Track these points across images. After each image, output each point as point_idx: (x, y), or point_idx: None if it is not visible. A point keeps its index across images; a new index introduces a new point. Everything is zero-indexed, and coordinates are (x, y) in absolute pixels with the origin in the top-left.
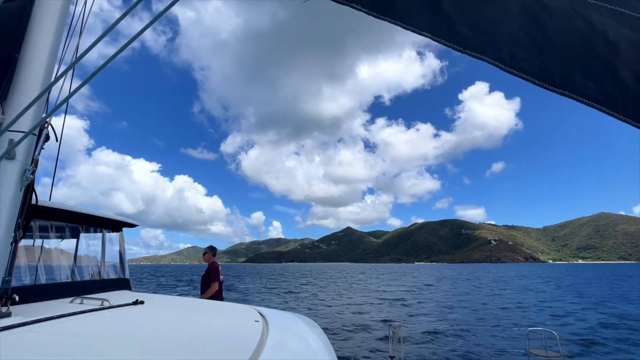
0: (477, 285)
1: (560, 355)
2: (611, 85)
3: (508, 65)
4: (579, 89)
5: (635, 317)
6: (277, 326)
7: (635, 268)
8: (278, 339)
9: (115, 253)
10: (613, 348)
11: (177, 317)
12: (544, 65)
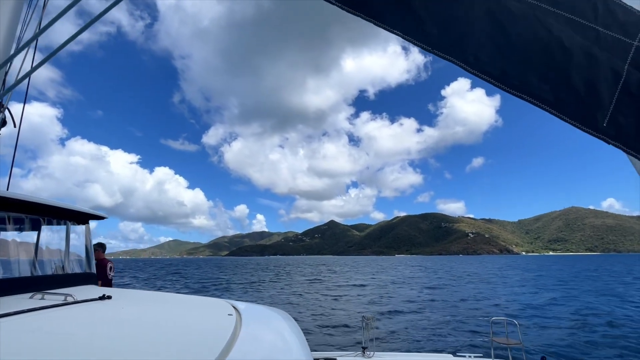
0: (450, 276)
1: (519, 343)
2: (563, 90)
3: (472, 67)
4: (535, 92)
5: (592, 307)
6: (251, 320)
7: (599, 259)
8: (251, 333)
9: (81, 246)
10: (568, 333)
11: (147, 312)
12: (505, 68)
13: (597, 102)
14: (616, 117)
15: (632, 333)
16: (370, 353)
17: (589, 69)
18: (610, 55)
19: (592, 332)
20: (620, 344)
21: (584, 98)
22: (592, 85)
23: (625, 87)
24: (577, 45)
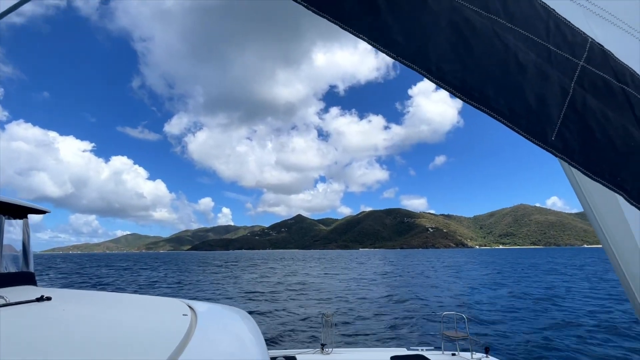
0: (408, 270)
1: (467, 335)
2: (517, 104)
3: (435, 76)
4: (492, 105)
5: (534, 296)
6: (206, 320)
7: (542, 252)
8: (206, 334)
9: (18, 243)
10: (510, 325)
11: (91, 314)
12: (466, 80)
13: (547, 117)
14: (563, 132)
15: (562, 314)
16: (329, 350)
17: (540, 85)
18: (559, 73)
19: (533, 319)
20: (556, 329)
21: (535, 112)
22: (542, 101)
23: (571, 103)
24: (530, 61)
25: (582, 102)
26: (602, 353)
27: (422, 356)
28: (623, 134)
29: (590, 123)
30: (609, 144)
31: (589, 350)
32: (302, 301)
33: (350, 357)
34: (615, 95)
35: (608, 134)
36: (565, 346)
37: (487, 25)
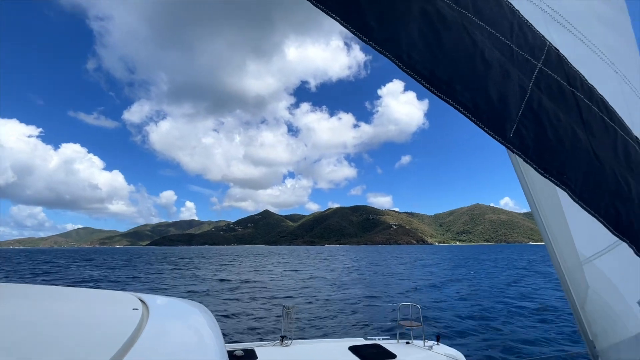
0: (370, 265)
1: (420, 324)
2: (481, 99)
3: (405, 64)
4: (458, 98)
5: (485, 289)
6: (159, 313)
7: (494, 249)
8: (158, 328)
9: None
10: (460, 312)
11: (34, 309)
12: (435, 71)
13: (507, 114)
14: (520, 130)
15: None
16: (288, 342)
17: (502, 82)
18: (519, 73)
19: (483, 310)
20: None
21: (497, 109)
22: (504, 98)
23: (529, 103)
24: (495, 59)
25: (538, 102)
26: (541, 336)
27: (379, 345)
28: (571, 135)
29: (544, 123)
30: (559, 144)
31: (531, 333)
32: (263, 296)
33: (309, 348)
34: (566, 98)
35: (559, 134)
36: (510, 331)
37: (457, 18)
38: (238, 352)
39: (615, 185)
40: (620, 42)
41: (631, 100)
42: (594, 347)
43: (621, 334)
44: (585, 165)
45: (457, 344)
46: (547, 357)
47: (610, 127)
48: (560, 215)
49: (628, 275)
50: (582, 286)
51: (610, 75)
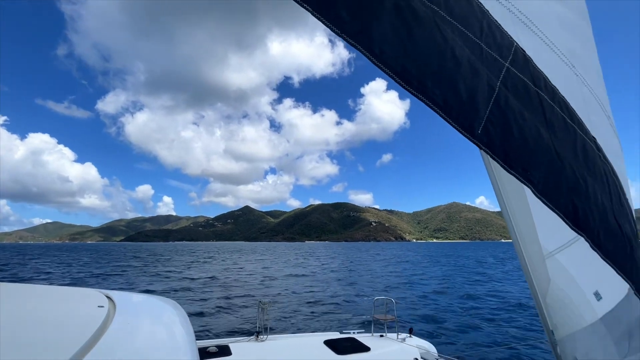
0: (347, 261)
1: (394, 318)
2: (451, 96)
3: (377, 58)
4: (429, 94)
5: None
6: (127, 310)
7: (469, 246)
8: (124, 326)
9: None
10: (432, 307)
11: None
12: (406, 66)
13: (476, 111)
14: (488, 127)
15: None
16: (263, 337)
17: (472, 80)
18: (488, 72)
19: (452, 304)
20: (472, 314)
21: (466, 106)
22: (473, 96)
23: (496, 101)
24: (465, 56)
25: (505, 100)
26: (507, 327)
27: (353, 338)
28: (535, 134)
29: (510, 121)
30: (523, 141)
31: (498, 325)
32: (238, 293)
33: (285, 343)
34: (531, 98)
35: (524, 133)
36: (480, 324)
37: (429, 15)
38: (212, 348)
39: (574, 183)
40: (581, 46)
41: (589, 102)
42: (553, 337)
43: (578, 324)
44: (547, 162)
45: (429, 336)
46: (511, 346)
47: (571, 127)
48: (527, 212)
49: (586, 268)
50: (544, 279)
51: (571, 77)
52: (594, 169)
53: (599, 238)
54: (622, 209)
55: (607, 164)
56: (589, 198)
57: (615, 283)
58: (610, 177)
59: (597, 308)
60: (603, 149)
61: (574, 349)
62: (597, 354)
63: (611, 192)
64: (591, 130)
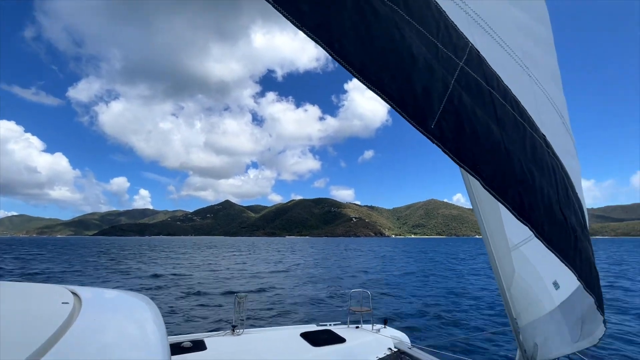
0: (324, 256)
1: (369, 310)
2: (407, 92)
3: (337, 54)
4: (386, 90)
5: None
6: (94, 307)
7: (445, 241)
8: (89, 323)
9: None
10: (407, 301)
11: None
12: (365, 62)
13: (430, 107)
14: (441, 122)
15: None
16: (239, 331)
17: (427, 78)
18: (443, 70)
19: (426, 296)
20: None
21: (421, 102)
22: (427, 93)
23: (450, 98)
24: (421, 54)
25: (459, 98)
26: (476, 317)
27: (329, 330)
28: (486, 130)
29: (462, 117)
30: (474, 137)
31: (468, 315)
32: (214, 287)
33: (261, 336)
34: (483, 96)
35: (475, 128)
36: (451, 315)
37: (388, 13)
38: (186, 343)
39: (521, 176)
40: (537, 48)
41: (541, 102)
42: (516, 324)
43: (539, 312)
44: (496, 157)
45: (403, 327)
46: (478, 334)
47: (521, 124)
48: (495, 208)
49: (546, 259)
50: (509, 271)
51: (523, 78)
52: (541, 164)
53: (543, 228)
54: (569, 201)
55: (555, 160)
56: (535, 191)
57: (571, 273)
58: (559, 172)
59: (555, 297)
60: (553, 146)
61: (534, 335)
62: (554, 339)
63: (558, 186)
64: (541, 128)
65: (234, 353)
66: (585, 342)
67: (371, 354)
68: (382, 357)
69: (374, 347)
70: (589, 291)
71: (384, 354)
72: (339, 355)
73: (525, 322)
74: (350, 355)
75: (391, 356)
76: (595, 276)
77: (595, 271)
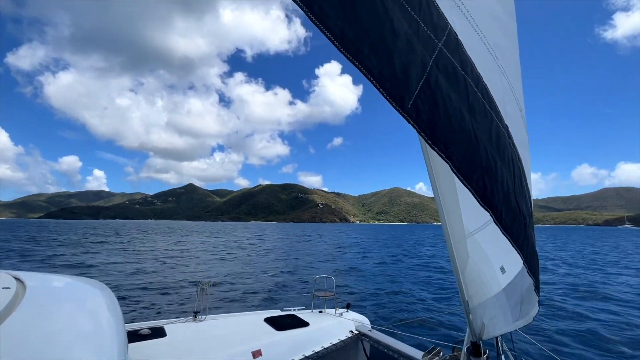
0: (288, 242)
1: (333, 294)
2: (386, 67)
3: (316, 17)
4: (365, 62)
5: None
6: (40, 293)
7: (406, 228)
8: (35, 308)
9: None
10: (368, 286)
11: None
12: (345, 30)
13: (407, 86)
14: (417, 103)
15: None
16: (202, 317)
17: (407, 55)
18: (423, 49)
19: (387, 281)
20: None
21: (399, 79)
22: (406, 70)
23: (427, 79)
24: (403, 30)
25: (436, 80)
26: (432, 299)
27: (294, 315)
28: (459, 115)
29: (438, 100)
30: (448, 121)
31: (425, 298)
32: (173, 274)
33: (224, 322)
34: (458, 81)
35: (448, 112)
36: (410, 298)
37: None
38: (144, 330)
39: (486, 163)
40: (505, 41)
41: (507, 93)
42: (468, 305)
43: (487, 294)
44: (466, 142)
45: (365, 311)
46: (433, 314)
47: (489, 113)
48: (454, 197)
49: (496, 246)
50: (464, 256)
51: (494, 67)
52: (503, 153)
53: (502, 214)
54: (522, 191)
55: (515, 151)
56: (497, 179)
57: (516, 258)
58: (516, 163)
59: (502, 280)
60: (513, 137)
61: (482, 315)
62: (499, 318)
63: (515, 176)
64: (505, 118)
65: (195, 339)
66: (522, 321)
67: (333, 336)
68: (344, 339)
69: (336, 330)
70: (530, 274)
71: (346, 337)
72: (302, 339)
73: (476, 304)
74: (313, 338)
75: (352, 338)
76: (536, 260)
77: (536, 255)
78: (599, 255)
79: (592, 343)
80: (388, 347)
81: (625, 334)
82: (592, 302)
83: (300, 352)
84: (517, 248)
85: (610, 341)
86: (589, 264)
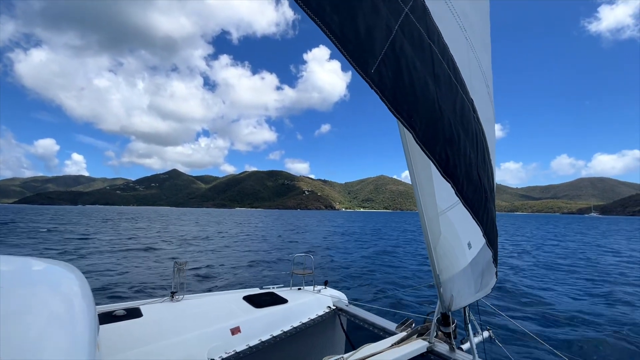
0: (270, 226)
1: (312, 272)
2: (349, 27)
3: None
4: (326, 19)
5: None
6: (8, 276)
7: (390, 215)
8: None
9: None
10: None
11: None
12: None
13: (371, 49)
14: (381, 68)
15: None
16: (179, 297)
17: (371, 16)
18: (388, 12)
19: (364, 259)
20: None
21: (362, 42)
22: (370, 33)
23: (392, 44)
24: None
25: (400, 45)
26: (406, 274)
27: (272, 293)
28: (423, 84)
29: (402, 67)
30: (412, 89)
31: (399, 274)
32: (152, 255)
33: (202, 301)
34: (424, 49)
35: (413, 81)
36: (384, 274)
37: None
38: (119, 311)
39: (449, 135)
40: (475, 15)
41: (473, 67)
42: (439, 279)
43: (456, 268)
44: (430, 112)
45: (342, 287)
46: (407, 289)
47: (454, 85)
48: (429, 178)
49: (465, 223)
50: (436, 233)
51: (461, 39)
52: (467, 126)
53: (463, 187)
54: (484, 165)
55: (479, 125)
56: (460, 151)
57: (481, 235)
58: (480, 137)
59: (468, 255)
60: (478, 111)
61: (451, 288)
62: (464, 290)
63: (478, 149)
64: (471, 92)
65: (172, 319)
66: (482, 292)
67: (311, 312)
68: (321, 314)
69: (314, 306)
70: (490, 246)
71: (323, 312)
72: (280, 315)
73: (446, 277)
74: (291, 314)
75: (329, 313)
76: (495, 233)
77: (496, 229)
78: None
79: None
80: (364, 320)
81: None
82: None
83: (279, 328)
84: (478, 220)
85: None
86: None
